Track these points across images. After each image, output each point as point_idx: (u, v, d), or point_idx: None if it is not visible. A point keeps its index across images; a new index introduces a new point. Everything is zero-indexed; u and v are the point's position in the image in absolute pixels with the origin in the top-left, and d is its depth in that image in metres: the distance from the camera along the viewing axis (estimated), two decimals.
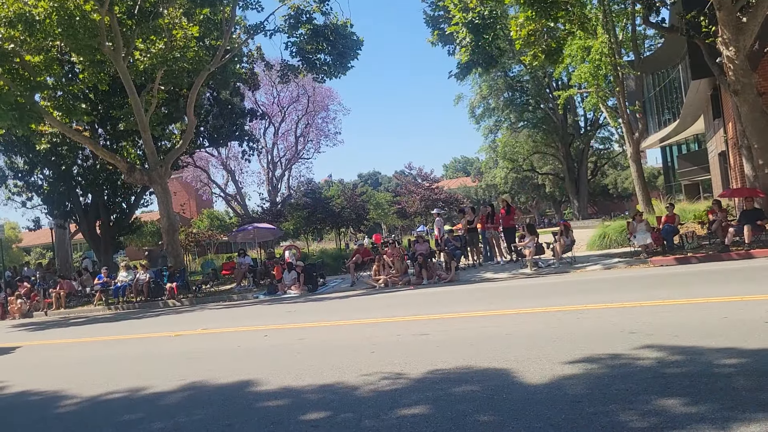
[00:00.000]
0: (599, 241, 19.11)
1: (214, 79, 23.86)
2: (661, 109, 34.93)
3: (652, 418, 3.63)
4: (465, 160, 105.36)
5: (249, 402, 5.08)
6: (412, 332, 7.64)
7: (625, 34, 23.96)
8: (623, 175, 63.55)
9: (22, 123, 16.75)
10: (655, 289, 9.60)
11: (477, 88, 51.26)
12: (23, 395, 6.42)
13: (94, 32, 15.84)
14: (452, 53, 20.99)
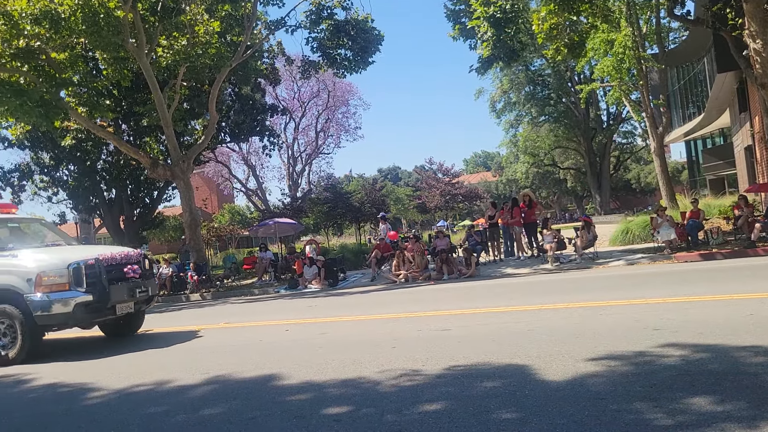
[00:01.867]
0: (622, 237, 18.92)
1: (236, 74, 24.00)
2: (685, 102, 34.43)
3: (677, 416, 3.60)
4: (485, 154, 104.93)
5: (272, 396, 5.12)
6: (432, 327, 7.64)
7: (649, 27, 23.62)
8: (646, 169, 62.86)
9: (48, 119, 16.99)
10: (680, 285, 9.49)
11: (498, 83, 50.95)
12: (55, 387, 6.54)
13: (118, 29, 16.01)
14: (473, 47, 20.90)
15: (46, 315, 8.01)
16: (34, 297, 7.99)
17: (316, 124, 49.48)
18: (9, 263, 8.35)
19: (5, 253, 8.67)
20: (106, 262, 8.71)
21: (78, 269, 8.22)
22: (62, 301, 8.03)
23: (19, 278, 8.11)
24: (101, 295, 8.42)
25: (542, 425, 3.70)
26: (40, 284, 8.00)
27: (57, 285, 8.06)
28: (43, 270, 8.06)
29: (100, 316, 8.78)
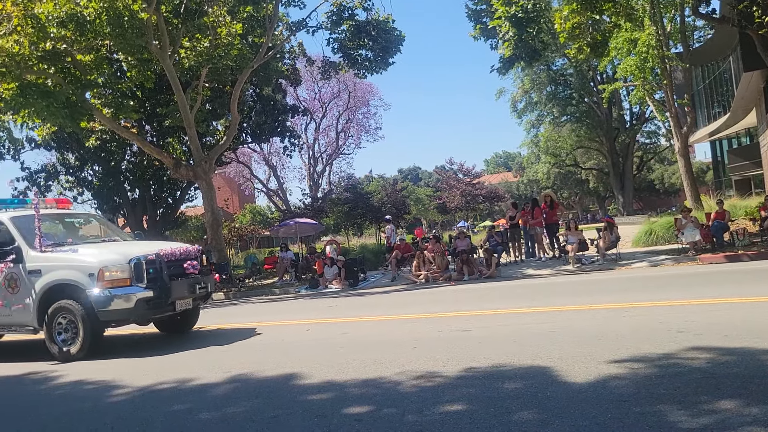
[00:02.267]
0: (645, 238, 18.69)
1: (257, 75, 24.15)
2: (710, 102, 33.94)
3: (702, 418, 3.56)
4: (506, 155, 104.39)
5: (293, 395, 5.15)
6: (453, 328, 7.62)
7: (674, 26, 23.37)
8: (670, 170, 62.07)
9: (73, 120, 17.26)
10: (704, 287, 9.37)
11: (519, 82, 50.68)
12: (82, 384, 6.64)
13: (142, 31, 16.21)
14: (495, 47, 20.81)
15: (107, 310, 7.93)
16: (96, 292, 7.86)
17: (336, 124, 49.65)
18: (70, 258, 8.26)
19: (65, 248, 8.61)
20: (166, 258, 8.58)
21: (139, 264, 8.11)
22: (124, 296, 7.94)
23: (81, 273, 7.99)
24: (162, 291, 8.29)
25: (564, 427, 3.68)
26: (102, 279, 7.88)
27: (118, 280, 7.96)
28: (105, 265, 7.95)
29: (160, 312, 8.65)
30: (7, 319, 8.53)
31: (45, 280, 8.13)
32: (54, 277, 8.11)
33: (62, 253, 8.37)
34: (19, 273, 8.33)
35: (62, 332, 8.12)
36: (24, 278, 8.30)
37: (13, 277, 8.37)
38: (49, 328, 8.11)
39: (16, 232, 8.56)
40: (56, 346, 8.08)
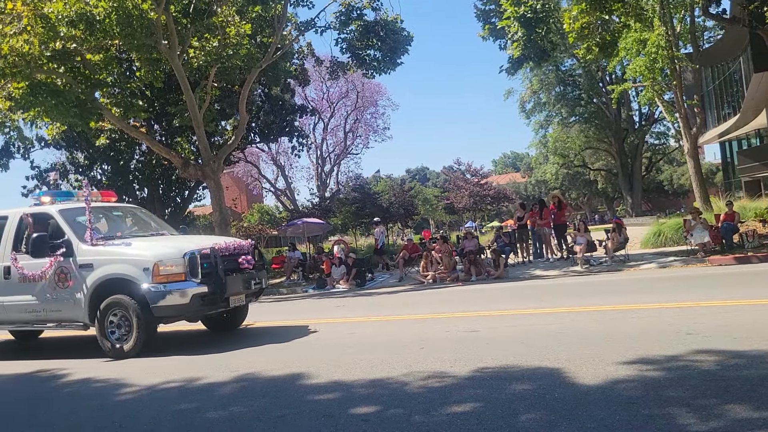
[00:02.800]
0: (654, 239, 18.60)
1: (266, 75, 24.18)
2: (720, 103, 33.74)
3: (711, 421, 3.54)
4: (514, 155, 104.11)
5: (300, 394, 5.16)
6: (461, 329, 7.61)
7: (684, 26, 23.23)
8: (679, 171, 61.77)
9: (83, 120, 17.31)
10: (713, 289, 9.32)
11: (528, 83, 50.53)
12: (89, 381, 6.67)
13: (151, 31, 16.25)
14: (503, 48, 20.76)
15: (162, 306, 7.63)
16: (150, 287, 7.60)
17: (344, 124, 49.65)
18: (123, 252, 8.04)
19: (117, 241, 8.40)
20: (221, 252, 8.31)
21: (194, 259, 7.82)
22: (180, 291, 7.65)
23: (135, 267, 7.73)
24: (217, 287, 7.99)
25: (572, 429, 3.66)
26: (157, 274, 7.61)
27: (173, 275, 7.69)
28: (159, 259, 7.67)
29: (214, 309, 8.34)
30: (57, 314, 8.28)
31: (97, 275, 7.89)
32: (107, 271, 7.88)
33: (114, 247, 8.17)
34: (70, 267, 8.07)
35: (115, 329, 7.89)
36: (75, 272, 8.05)
37: (63, 271, 8.11)
38: (101, 324, 7.88)
39: (65, 225, 8.33)
40: (108, 342, 7.85)
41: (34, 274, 8.24)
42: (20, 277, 8.35)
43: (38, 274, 8.22)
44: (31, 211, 8.78)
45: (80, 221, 8.47)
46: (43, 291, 8.22)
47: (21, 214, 8.74)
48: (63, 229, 8.30)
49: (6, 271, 8.50)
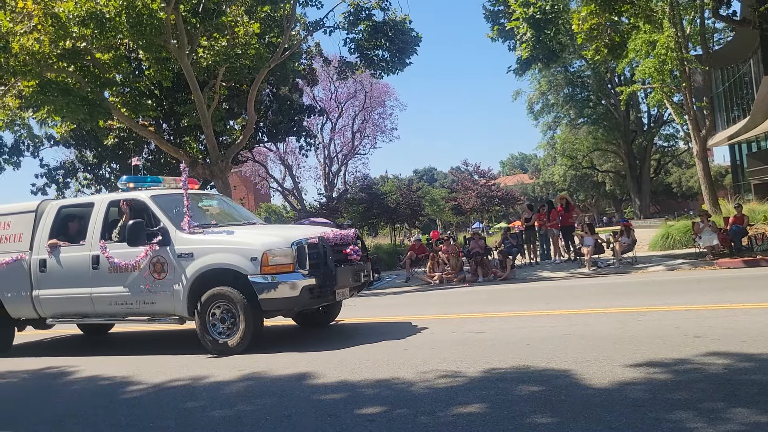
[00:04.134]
0: (662, 242, 18.53)
1: (274, 75, 24.23)
2: (730, 105, 33.56)
3: (719, 425, 3.52)
4: (522, 156, 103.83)
5: (306, 394, 5.16)
6: (467, 330, 7.60)
7: (693, 28, 23.12)
8: (688, 173, 61.43)
9: (92, 118, 17.40)
10: (722, 292, 9.26)
11: (536, 84, 50.39)
12: (96, 379, 6.70)
13: (161, 30, 16.31)
14: (512, 49, 20.72)
15: (271, 299, 7.07)
16: (259, 278, 7.03)
17: (352, 124, 49.68)
18: (226, 240, 7.50)
19: (216, 229, 7.87)
20: (330, 242, 7.77)
21: (302, 248, 7.22)
22: (290, 283, 7.06)
23: (241, 257, 7.16)
24: (327, 279, 7.38)
25: (578, 431, 3.65)
26: (266, 264, 7.03)
27: (282, 265, 7.09)
28: (268, 248, 7.09)
29: (321, 302, 7.78)
30: (151, 307, 7.77)
31: (198, 265, 7.32)
32: (209, 261, 7.31)
33: (216, 235, 7.62)
34: (167, 257, 7.52)
35: (218, 323, 7.32)
36: (172, 262, 7.49)
37: (159, 261, 7.56)
38: (202, 317, 7.32)
39: (159, 212, 7.85)
40: (210, 337, 7.31)
41: (127, 264, 7.70)
42: (110, 267, 7.82)
43: (131, 264, 7.68)
44: (121, 197, 8.32)
45: (175, 208, 7.99)
46: (136, 282, 7.70)
47: (109, 201, 8.39)
48: (158, 217, 7.81)
49: (94, 261, 7.97)
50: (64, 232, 8.52)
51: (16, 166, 25.35)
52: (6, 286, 8.58)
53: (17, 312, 8.69)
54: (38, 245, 8.45)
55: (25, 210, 8.92)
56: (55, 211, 8.61)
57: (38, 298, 8.34)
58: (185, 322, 7.80)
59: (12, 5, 14.94)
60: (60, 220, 8.59)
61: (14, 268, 8.48)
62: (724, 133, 33.72)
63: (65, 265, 8.19)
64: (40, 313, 8.47)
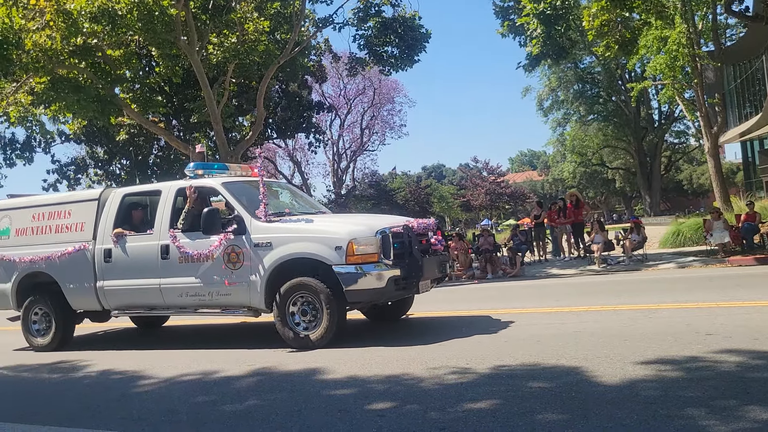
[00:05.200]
0: (672, 239, 18.42)
1: (283, 71, 24.27)
2: (742, 101, 33.29)
3: (731, 423, 3.50)
4: (531, 153, 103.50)
5: (316, 389, 5.18)
6: (477, 326, 7.59)
7: (705, 24, 22.93)
8: (699, 170, 61.05)
9: (103, 115, 17.52)
10: (733, 289, 9.20)
11: (546, 80, 50.14)
12: (108, 373, 6.75)
13: (171, 27, 16.37)
14: (522, 45, 20.65)
15: (357, 290, 6.71)
16: (345, 268, 6.67)
17: (361, 121, 49.67)
18: (306, 229, 7.17)
19: (294, 217, 7.55)
20: (415, 231, 7.42)
21: (386, 238, 6.85)
22: (376, 274, 6.68)
23: (325, 246, 6.80)
24: (412, 269, 7.00)
25: (589, 428, 3.64)
26: (351, 253, 6.67)
27: (367, 255, 6.72)
28: (354, 237, 6.74)
29: (405, 294, 7.41)
30: (225, 299, 7.42)
31: (277, 255, 6.96)
32: (289, 250, 6.95)
33: (294, 224, 7.29)
34: (243, 246, 7.17)
35: (299, 315, 7.01)
36: (249, 252, 7.13)
37: (234, 250, 7.19)
38: (281, 310, 6.98)
39: (233, 200, 7.52)
40: (291, 331, 6.96)
41: (199, 254, 7.36)
42: (181, 257, 7.49)
43: (204, 254, 7.34)
44: (192, 184, 7.89)
45: (247, 196, 7.70)
46: (209, 273, 7.35)
47: (177, 188, 7.98)
48: (232, 204, 7.52)
49: (164, 251, 7.63)
50: (127, 220, 8.30)
51: (28, 162, 25.53)
52: (68, 276, 8.30)
53: (79, 304, 8.46)
54: (102, 234, 8.15)
55: (86, 198, 8.72)
56: (119, 199, 8.33)
57: (103, 289, 8.07)
58: (260, 315, 7.49)
59: (24, 2, 15.03)
60: (124, 209, 8.34)
61: (77, 258, 8.20)
62: (736, 130, 33.46)
63: (132, 255, 7.90)
64: (104, 304, 8.20)
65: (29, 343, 8.72)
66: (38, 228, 8.71)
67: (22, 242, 8.76)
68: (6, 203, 9.50)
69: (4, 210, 9.22)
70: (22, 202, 9.31)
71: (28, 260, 8.52)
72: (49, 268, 8.40)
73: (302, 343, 6.88)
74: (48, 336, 8.53)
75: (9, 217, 9.05)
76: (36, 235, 8.70)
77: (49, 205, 8.87)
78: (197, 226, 7.38)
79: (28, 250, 8.57)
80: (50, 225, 8.62)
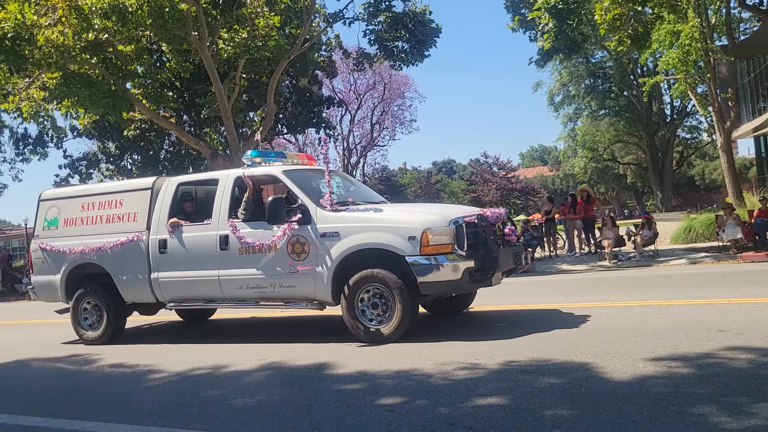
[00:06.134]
0: (684, 235, 18.32)
1: (294, 67, 24.27)
2: (755, 96, 32.96)
3: (742, 420, 3.48)
4: (542, 148, 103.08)
5: (326, 384, 5.20)
6: (487, 322, 7.60)
7: (719, 18, 22.71)
8: (711, 165, 60.52)
9: (115, 110, 17.63)
10: (746, 286, 9.14)
11: (557, 75, 49.89)
12: (122, 367, 6.80)
13: (182, 22, 16.42)
14: (534, 39, 20.55)
15: (431, 282, 6.44)
16: (419, 259, 6.40)
17: (371, 116, 49.67)
18: (376, 218, 6.88)
19: (360, 206, 7.32)
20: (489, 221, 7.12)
21: (460, 228, 6.55)
22: (452, 265, 6.39)
23: (397, 236, 6.52)
24: (487, 260, 6.71)
25: (599, 424, 3.64)
26: (426, 244, 6.41)
27: (442, 245, 6.46)
28: (428, 227, 6.47)
29: (478, 286, 7.14)
30: (289, 291, 7.15)
31: (346, 245, 6.70)
32: (358, 240, 6.69)
33: (362, 213, 7.03)
34: (308, 236, 6.90)
35: (369, 308, 6.73)
36: (314, 242, 6.87)
37: (299, 240, 6.93)
38: (350, 302, 6.72)
39: (296, 188, 7.26)
40: (361, 325, 6.70)
41: (261, 245, 7.11)
42: (242, 247, 7.25)
43: (266, 245, 7.08)
44: (251, 172, 7.61)
45: (310, 184, 7.52)
46: (272, 264, 7.09)
47: (235, 177, 7.71)
48: (295, 193, 7.25)
49: (223, 241, 7.39)
50: (182, 210, 8.09)
51: (43, 157, 25.76)
52: (121, 268, 8.10)
53: (132, 296, 8.26)
54: (156, 224, 7.93)
55: (139, 187, 8.48)
56: (173, 188, 8.09)
57: (158, 280, 7.85)
58: (324, 308, 7.18)
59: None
60: (179, 198, 8.13)
61: (130, 249, 8.00)
62: (749, 125, 33.15)
63: (189, 246, 7.66)
64: (158, 296, 7.99)
65: (79, 336, 8.57)
66: (88, 218, 8.51)
67: (71, 233, 8.57)
68: (54, 193, 9.34)
69: (52, 200, 9.04)
70: (71, 192, 9.19)
71: (78, 251, 8.31)
72: (101, 259, 8.20)
73: (373, 337, 6.64)
74: (99, 329, 8.38)
75: (57, 207, 8.86)
76: (86, 225, 8.50)
77: (100, 195, 8.68)
78: (258, 216, 7.23)
79: (78, 241, 8.38)
80: (101, 215, 8.42)
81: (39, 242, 8.82)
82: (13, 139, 26.05)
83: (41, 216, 9.00)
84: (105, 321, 8.34)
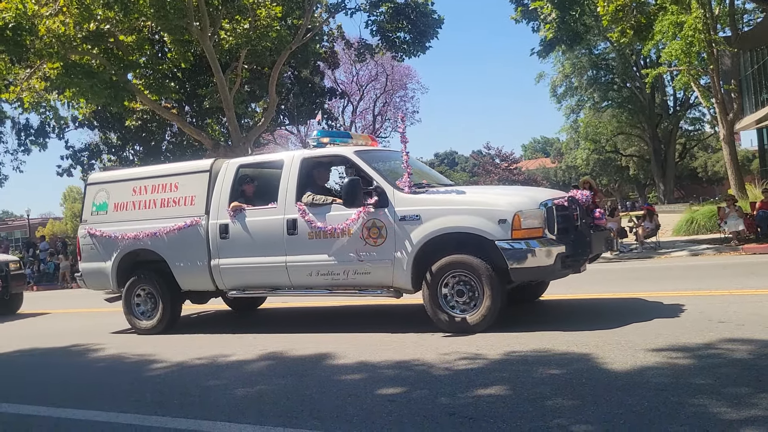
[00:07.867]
0: (686, 227, 18.31)
1: (296, 58, 24.24)
2: (758, 88, 32.83)
3: (743, 411, 3.49)
4: (544, 140, 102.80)
5: (327, 374, 5.21)
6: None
7: (722, 9, 22.60)
8: (714, 158, 60.37)
9: (116, 100, 17.63)
10: (747, 278, 9.13)
11: (559, 66, 49.71)
12: (124, 357, 6.83)
13: (183, 13, 16.38)
14: (536, 30, 20.47)
15: (524, 268, 6.01)
16: (511, 244, 5.98)
17: (373, 107, 49.56)
18: (461, 200, 6.49)
19: (440, 188, 7.01)
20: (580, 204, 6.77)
21: (551, 211, 6.22)
22: (546, 250, 6.00)
23: (487, 219, 6.09)
24: (578, 245, 6.38)
25: (599, 414, 3.64)
26: (518, 227, 6.00)
27: (533, 229, 6.07)
28: (519, 210, 6.06)
29: (569, 273, 6.60)
30: (363, 278, 6.74)
31: (428, 229, 6.28)
32: (443, 224, 6.26)
33: (443, 195, 6.67)
34: (385, 220, 6.51)
35: (454, 295, 6.33)
36: (392, 226, 6.47)
37: (375, 224, 6.54)
38: (432, 290, 6.32)
39: (370, 170, 6.83)
40: (445, 314, 6.31)
41: (333, 229, 6.72)
42: (311, 232, 6.86)
43: (339, 229, 6.69)
44: (320, 153, 7.39)
45: (384, 165, 7.22)
46: (345, 249, 6.71)
47: (302, 158, 7.33)
48: (369, 175, 6.78)
49: (290, 226, 6.98)
50: (242, 193, 7.68)
51: (43, 148, 25.75)
52: (178, 254, 7.71)
53: (190, 283, 7.86)
54: (216, 208, 7.52)
55: (196, 169, 8.07)
56: (233, 171, 7.67)
57: (219, 267, 7.44)
58: (402, 296, 6.75)
59: None
60: (239, 181, 7.71)
61: (188, 235, 7.60)
62: (752, 117, 33.03)
63: (253, 231, 7.25)
64: (219, 284, 7.58)
65: (132, 325, 8.24)
66: (140, 202, 8.11)
67: (121, 218, 8.19)
68: (102, 176, 9.05)
69: (100, 183, 8.74)
70: (120, 175, 8.92)
71: (131, 237, 7.92)
72: (155, 245, 7.81)
73: (458, 327, 6.25)
74: (154, 318, 8.02)
75: (106, 191, 8.50)
76: (138, 210, 8.11)
77: (152, 178, 8.25)
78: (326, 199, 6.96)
79: (130, 226, 8.00)
80: (154, 199, 8.04)
81: (88, 228, 8.41)
82: (15, 129, 26.05)
83: (89, 200, 8.65)
84: (161, 310, 7.95)
